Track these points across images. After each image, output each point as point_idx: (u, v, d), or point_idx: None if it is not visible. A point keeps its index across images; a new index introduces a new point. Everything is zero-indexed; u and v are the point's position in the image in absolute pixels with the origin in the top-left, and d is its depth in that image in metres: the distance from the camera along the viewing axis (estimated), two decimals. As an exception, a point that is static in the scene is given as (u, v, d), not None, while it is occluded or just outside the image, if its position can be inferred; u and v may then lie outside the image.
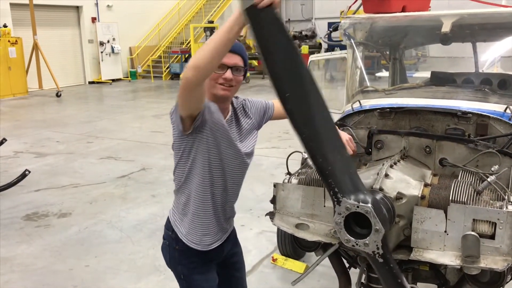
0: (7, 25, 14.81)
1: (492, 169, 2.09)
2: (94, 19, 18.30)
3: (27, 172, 5.91)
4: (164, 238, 2.29)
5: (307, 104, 1.67)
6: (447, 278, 2.27)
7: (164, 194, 5.87)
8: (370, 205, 1.70)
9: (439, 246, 1.97)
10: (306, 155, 2.45)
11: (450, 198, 1.96)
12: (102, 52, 18.26)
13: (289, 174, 2.43)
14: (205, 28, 18.73)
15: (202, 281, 2.24)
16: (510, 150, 2.32)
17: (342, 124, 2.77)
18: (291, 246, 3.98)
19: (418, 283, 2.37)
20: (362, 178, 2.08)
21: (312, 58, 4.81)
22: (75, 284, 3.91)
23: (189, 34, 19.40)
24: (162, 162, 7.17)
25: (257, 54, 1.72)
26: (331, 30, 4.24)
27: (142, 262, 4.24)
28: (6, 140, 6.09)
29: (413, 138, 2.43)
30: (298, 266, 3.99)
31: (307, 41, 18.25)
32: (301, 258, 4.13)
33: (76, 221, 5.20)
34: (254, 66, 19.27)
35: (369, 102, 2.97)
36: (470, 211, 1.91)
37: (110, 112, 12.20)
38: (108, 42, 18.35)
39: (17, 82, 14.81)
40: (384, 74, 6.84)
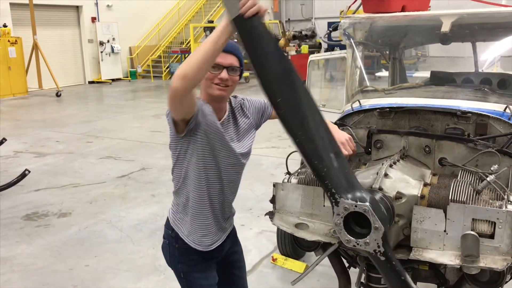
0: (7, 25, 14.81)
1: (491, 168, 2.09)
2: (94, 19, 18.30)
3: (27, 172, 5.92)
4: (164, 237, 2.31)
5: (299, 108, 1.69)
6: (447, 278, 2.27)
7: (164, 193, 5.87)
8: (368, 203, 1.71)
9: (439, 246, 1.97)
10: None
11: (450, 198, 1.96)
12: (102, 52, 18.26)
13: (288, 173, 2.43)
14: (205, 27, 18.72)
15: (201, 279, 2.25)
16: (510, 150, 2.32)
17: (341, 123, 2.76)
18: (291, 245, 3.99)
19: (417, 283, 2.36)
20: (362, 178, 2.09)
21: (312, 58, 4.81)
22: (75, 284, 3.91)
23: (189, 34, 19.40)
24: (162, 162, 7.17)
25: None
26: (331, 30, 4.24)
27: (142, 262, 4.24)
28: (6, 140, 6.10)
29: (412, 138, 2.43)
30: (298, 266, 3.99)
31: (307, 40, 18.17)
32: (301, 257, 4.13)
33: (76, 221, 5.20)
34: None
35: (368, 102, 2.97)
36: (469, 211, 1.91)
37: (110, 112, 12.20)
38: (108, 42, 18.34)
39: (17, 82, 14.81)
40: (383, 73, 6.85)
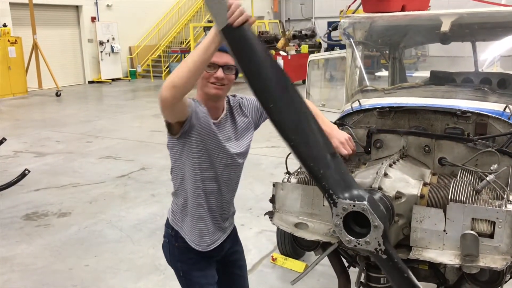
0: (7, 24, 14.80)
1: (491, 168, 2.08)
2: (93, 19, 18.29)
3: (27, 171, 5.92)
4: (164, 236, 2.32)
5: (292, 112, 1.70)
6: (446, 277, 2.27)
7: (163, 193, 5.87)
8: (366, 202, 1.71)
9: (438, 245, 1.97)
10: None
11: (449, 197, 1.96)
12: (101, 51, 18.25)
13: (288, 173, 2.43)
14: (204, 27, 18.72)
15: (200, 277, 2.25)
16: (509, 149, 2.32)
17: (341, 123, 2.76)
18: (291, 245, 3.99)
19: (417, 282, 2.37)
20: (361, 178, 2.09)
21: (311, 57, 4.82)
22: (75, 283, 3.91)
23: (188, 34, 19.40)
24: (162, 162, 7.16)
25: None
26: (331, 29, 4.25)
27: (142, 262, 4.24)
28: (6, 139, 6.10)
29: (412, 137, 2.43)
30: (298, 266, 3.99)
31: (307, 40, 18.16)
32: (300, 257, 4.13)
33: (76, 220, 5.20)
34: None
35: (368, 102, 2.97)
36: (469, 210, 1.91)
37: (110, 111, 12.19)
38: (107, 41, 18.33)
39: (16, 81, 14.81)
40: (383, 73, 6.85)
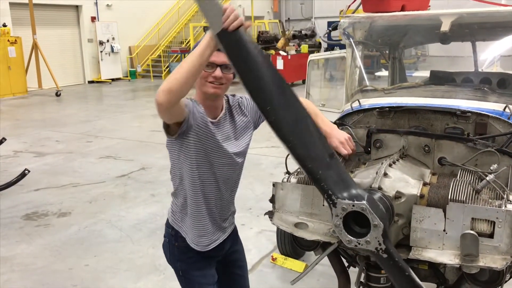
0: (7, 24, 14.79)
1: (491, 168, 2.09)
2: (93, 19, 18.28)
3: (27, 171, 5.92)
4: (164, 235, 2.32)
5: (289, 114, 1.71)
6: (446, 277, 2.27)
7: (163, 193, 5.86)
8: (365, 202, 1.71)
9: (438, 245, 1.97)
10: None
11: (449, 197, 1.96)
12: (101, 51, 18.23)
13: (288, 173, 2.43)
14: (204, 27, 18.69)
15: (200, 277, 2.25)
16: (509, 149, 2.32)
17: (341, 123, 2.76)
18: (291, 245, 3.99)
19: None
20: (361, 177, 2.09)
21: (311, 57, 4.82)
22: (75, 283, 3.91)
23: (188, 33, 19.40)
24: (162, 162, 7.16)
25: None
26: (331, 29, 4.25)
27: (142, 262, 4.24)
28: (6, 139, 6.10)
29: (412, 137, 2.43)
30: (298, 265, 3.99)
31: (307, 40, 18.17)
32: (300, 257, 4.13)
33: (75, 220, 5.20)
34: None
35: (368, 101, 2.97)
36: (469, 210, 1.91)
37: (110, 111, 12.19)
38: (107, 41, 18.32)
39: (16, 81, 14.80)
40: (383, 73, 6.86)
